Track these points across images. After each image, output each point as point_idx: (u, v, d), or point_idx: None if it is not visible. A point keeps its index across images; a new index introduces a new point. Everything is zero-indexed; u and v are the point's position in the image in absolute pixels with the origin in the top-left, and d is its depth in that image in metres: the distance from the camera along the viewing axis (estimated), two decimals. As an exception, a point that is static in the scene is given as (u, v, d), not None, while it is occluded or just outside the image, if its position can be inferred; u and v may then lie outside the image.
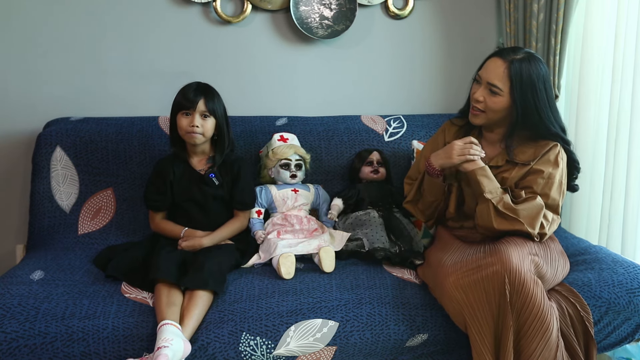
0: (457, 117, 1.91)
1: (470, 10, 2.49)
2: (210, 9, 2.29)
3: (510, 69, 1.65)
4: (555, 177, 1.69)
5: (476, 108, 1.73)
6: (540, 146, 1.73)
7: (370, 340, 1.58)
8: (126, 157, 2.09)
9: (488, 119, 1.73)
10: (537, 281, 1.50)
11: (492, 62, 1.70)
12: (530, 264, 1.55)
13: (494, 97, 1.68)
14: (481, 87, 1.71)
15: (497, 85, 1.67)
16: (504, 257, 1.52)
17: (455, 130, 1.88)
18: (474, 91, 1.74)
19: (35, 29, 2.19)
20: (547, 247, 1.71)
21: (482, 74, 1.71)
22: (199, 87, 1.90)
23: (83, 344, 1.46)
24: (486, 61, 1.73)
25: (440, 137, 1.91)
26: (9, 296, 1.57)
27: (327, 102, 2.45)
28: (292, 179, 2.07)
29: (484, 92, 1.70)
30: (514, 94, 1.66)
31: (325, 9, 2.35)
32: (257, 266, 1.86)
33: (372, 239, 1.89)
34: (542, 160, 1.71)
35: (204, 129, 1.87)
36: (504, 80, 1.66)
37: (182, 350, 1.42)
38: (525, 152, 1.73)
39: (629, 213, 2.13)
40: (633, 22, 2.05)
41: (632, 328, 1.70)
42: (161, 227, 1.93)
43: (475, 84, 1.75)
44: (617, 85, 2.12)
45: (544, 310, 1.46)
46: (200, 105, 1.86)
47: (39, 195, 2.02)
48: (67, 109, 2.23)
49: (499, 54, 1.70)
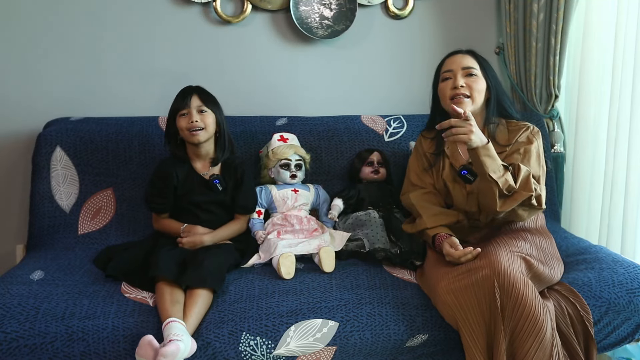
0: (426, 130, 2.00)
1: (470, 10, 2.49)
2: (210, 9, 2.29)
3: (473, 54, 1.85)
4: (531, 151, 1.75)
5: (461, 95, 1.77)
6: (514, 130, 1.82)
7: (370, 340, 1.58)
8: (126, 157, 2.09)
9: (475, 104, 1.79)
10: (528, 282, 1.50)
11: (452, 58, 1.85)
12: (520, 265, 1.55)
13: (474, 78, 1.80)
14: (454, 79, 1.79)
15: (472, 66, 1.80)
16: (493, 260, 1.52)
17: (428, 142, 1.95)
18: (448, 86, 1.80)
19: (35, 29, 2.19)
20: (540, 246, 1.72)
21: (452, 67, 1.82)
22: (189, 87, 1.92)
23: (83, 344, 1.46)
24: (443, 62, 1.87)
25: (419, 150, 1.97)
26: (9, 296, 1.57)
27: (327, 102, 2.45)
28: (292, 179, 2.07)
29: (462, 79, 1.78)
30: (485, 72, 1.82)
31: (325, 9, 2.35)
32: (257, 266, 1.86)
33: (373, 240, 1.89)
34: (518, 142, 1.78)
35: (204, 123, 1.87)
36: (474, 63, 1.82)
37: (189, 348, 1.43)
38: (501, 138, 1.81)
39: (629, 213, 2.13)
40: (633, 22, 2.05)
41: (632, 328, 1.70)
42: (164, 226, 1.95)
43: (442, 82, 1.84)
44: (617, 84, 2.12)
45: (536, 310, 1.46)
46: (194, 101, 1.87)
47: (39, 195, 2.02)
48: (67, 109, 2.23)
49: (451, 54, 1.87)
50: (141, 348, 1.41)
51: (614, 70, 2.12)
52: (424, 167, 1.92)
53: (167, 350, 1.37)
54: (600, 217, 2.23)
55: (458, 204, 1.82)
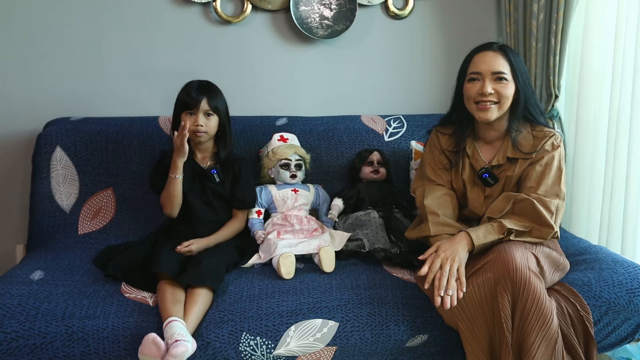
0: (441, 126, 1.90)
1: (470, 10, 2.49)
2: (210, 9, 2.29)
3: (507, 55, 1.70)
4: (552, 164, 1.70)
5: (488, 102, 1.70)
6: (539, 137, 1.74)
7: (370, 340, 1.58)
8: (126, 157, 2.09)
9: (501, 110, 1.71)
10: (538, 275, 1.50)
11: (482, 56, 1.72)
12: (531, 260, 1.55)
13: (503, 84, 1.69)
14: (482, 82, 1.70)
15: (503, 71, 1.69)
16: (505, 257, 1.51)
17: (446, 138, 1.86)
18: (474, 89, 1.71)
19: (35, 28, 2.19)
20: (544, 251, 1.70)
21: (481, 69, 1.70)
22: (202, 85, 1.91)
23: (83, 344, 1.46)
24: (472, 59, 1.74)
25: (435, 146, 1.88)
26: (9, 296, 1.57)
27: (327, 102, 2.45)
28: (292, 179, 2.07)
29: (491, 84, 1.69)
30: (516, 77, 1.70)
31: (325, 9, 2.35)
32: (257, 266, 1.86)
33: (372, 239, 1.89)
34: (543, 150, 1.72)
35: (207, 128, 1.88)
36: (505, 66, 1.70)
37: (191, 348, 1.43)
38: (525, 145, 1.74)
39: (629, 213, 2.13)
40: (633, 22, 2.05)
41: (632, 328, 1.70)
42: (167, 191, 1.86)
43: (469, 82, 1.74)
44: (617, 85, 2.12)
45: (545, 302, 1.47)
46: (203, 105, 1.87)
47: (39, 195, 2.02)
48: (67, 109, 2.23)
49: (481, 49, 1.74)
50: (145, 346, 1.41)
51: (614, 70, 2.12)
52: (443, 165, 1.84)
53: (177, 350, 1.37)
54: (600, 217, 2.23)
55: (473, 207, 1.79)
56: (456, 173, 1.82)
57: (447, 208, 1.76)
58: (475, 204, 1.79)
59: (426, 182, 1.85)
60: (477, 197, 1.79)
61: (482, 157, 1.80)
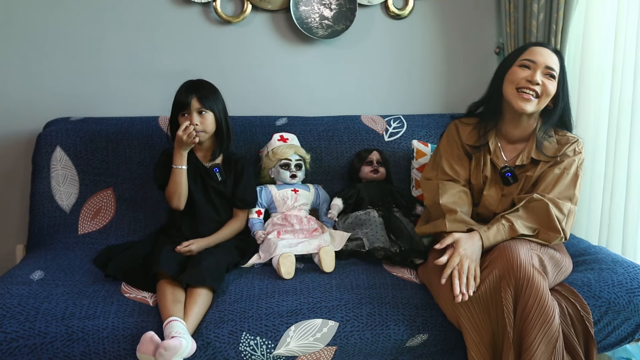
0: (464, 117, 1.88)
1: (470, 10, 2.49)
2: (210, 9, 2.29)
3: (561, 58, 1.73)
4: (570, 170, 1.71)
5: (531, 92, 1.68)
6: (562, 143, 1.76)
7: (370, 340, 1.58)
8: (126, 157, 2.09)
9: (538, 107, 1.71)
10: (542, 273, 1.51)
11: (540, 49, 1.72)
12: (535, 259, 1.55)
13: (551, 81, 1.69)
14: (534, 71, 1.69)
15: (554, 69, 1.69)
16: (509, 254, 1.51)
17: (469, 129, 1.83)
18: (523, 74, 1.69)
19: (35, 29, 2.19)
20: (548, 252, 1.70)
21: (537, 59, 1.69)
22: (191, 85, 1.90)
23: (83, 344, 1.46)
24: (528, 48, 1.73)
25: (455, 138, 1.85)
26: (9, 296, 1.57)
27: (327, 102, 2.45)
28: (292, 179, 2.07)
29: (541, 76, 1.69)
30: (561, 82, 1.72)
31: (325, 9, 2.35)
32: (257, 266, 1.86)
33: (372, 239, 1.89)
34: (564, 154, 1.74)
35: (204, 126, 1.88)
36: (557, 66, 1.71)
37: (190, 347, 1.43)
38: (549, 149, 1.75)
39: (629, 213, 2.13)
40: (633, 22, 2.05)
41: (632, 328, 1.70)
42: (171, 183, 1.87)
43: (519, 67, 1.71)
44: (617, 85, 2.12)
45: (547, 299, 1.47)
46: (194, 103, 1.87)
47: (39, 195, 2.02)
48: (67, 109, 2.23)
49: (539, 44, 1.76)
50: (142, 344, 1.41)
51: (614, 71, 2.12)
52: (460, 159, 1.82)
53: (169, 343, 1.37)
54: (600, 217, 2.23)
55: (489, 203, 1.78)
56: (477, 168, 1.81)
57: (463, 205, 1.75)
58: (492, 201, 1.78)
59: (440, 174, 1.82)
60: (495, 194, 1.78)
61: (503, 155, 1.80)
